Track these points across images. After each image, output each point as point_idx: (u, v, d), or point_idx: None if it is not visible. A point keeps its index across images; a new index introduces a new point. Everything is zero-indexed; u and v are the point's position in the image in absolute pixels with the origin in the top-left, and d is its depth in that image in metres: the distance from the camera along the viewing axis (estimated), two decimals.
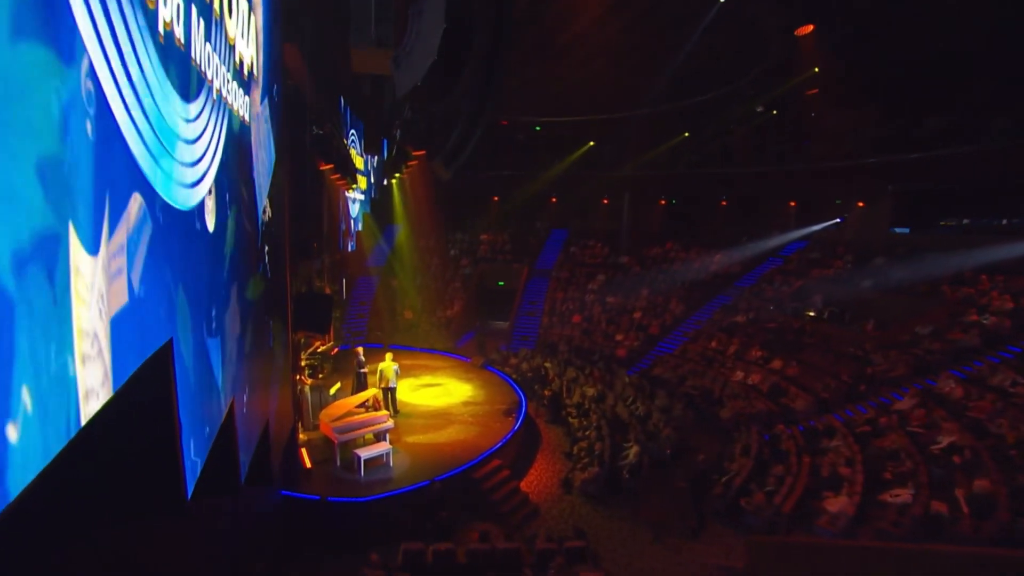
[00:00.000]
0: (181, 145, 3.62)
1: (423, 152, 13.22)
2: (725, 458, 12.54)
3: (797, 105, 15.96)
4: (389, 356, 13.71)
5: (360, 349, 14.12)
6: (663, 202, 26.11)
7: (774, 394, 15.71)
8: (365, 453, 10.65)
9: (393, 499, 10.04)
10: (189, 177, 3.83)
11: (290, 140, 9.86)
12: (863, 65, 14.16)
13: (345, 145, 11.80)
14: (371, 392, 11.84)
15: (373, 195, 19.56)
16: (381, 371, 13.37)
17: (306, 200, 11.67)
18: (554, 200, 27.18)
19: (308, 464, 10.61)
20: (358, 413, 11.49)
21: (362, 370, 13.64)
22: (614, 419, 14.46)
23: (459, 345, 21.03)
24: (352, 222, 18.08)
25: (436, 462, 11.27)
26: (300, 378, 11.96)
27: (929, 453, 10.52)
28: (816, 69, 14.82)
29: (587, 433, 13.75)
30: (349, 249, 17.87)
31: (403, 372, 15.78)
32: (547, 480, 12.51)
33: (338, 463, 10.88)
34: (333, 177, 12.73)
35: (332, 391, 12.75)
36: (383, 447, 10.99)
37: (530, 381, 17.54)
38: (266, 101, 7.55)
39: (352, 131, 15.31)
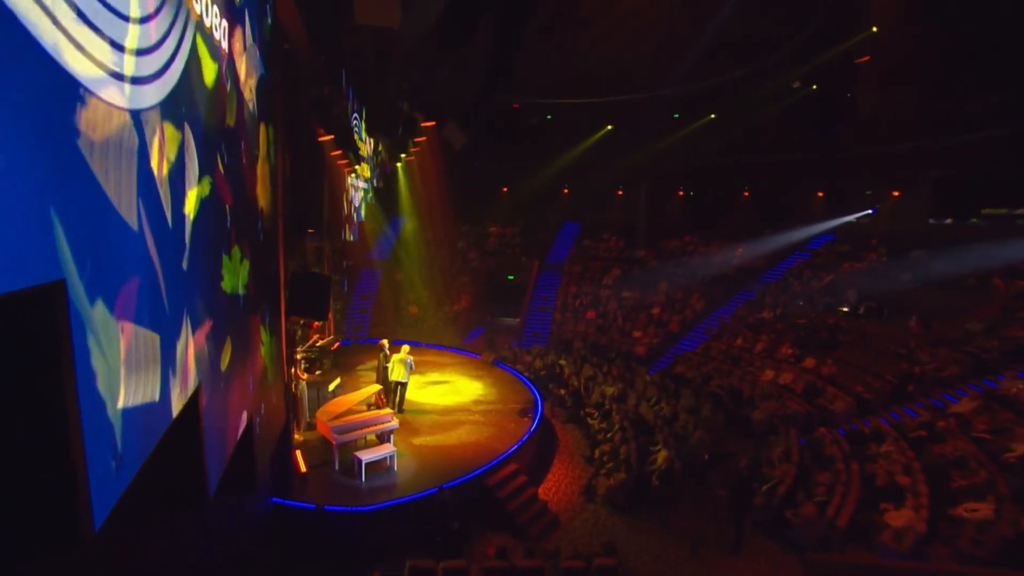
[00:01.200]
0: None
1: (432, 123, 12.11)
2: (763, 463, 11.35)
3: (841, 78, 14.57)
4: (405, 348, 12.60)
5: (385, 342, 13.00)
6: (681, 193, 24.93)
7: (809, 394, 14.53)
8: (366, 456, 9.53)
9: (397, 508, 8.92)
10: (128, 67, 2.73)
11: (285, 102, 8.77)
12: (928, 27, 12.78)
13: (347, 115, 10.70)
14: (373, 388, 10.70)
15: (377, 184, 18.49)
16: (393, 364, 12.31)
17: (304, 175, 10.62)
18: (567, 191, 26.05)
19: (303, 468, 9.48)
20: (359, 411, 10.37)
21: (388, 364, 12.54)
22: (637, 420, 13.29)
23: (467, 341, 19.91)
24: (355, 211, 17.00)
25: (445, 466, 10.15)
26: (295, 373, 10.86)
27: (1003, 462, 9.30)
28: (875, 29, 13.44)
29: (610, 435, 12.61)
30: (352, 239, 16.79)
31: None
32: (567, 487, 11.37)
33: (336, 467, 9.76)
34: (334, 154, 11.65)
35: (331, 387, 11.64)
36: (386, 449, 9.87)
37: (544, 379, 16.39)
38: (257, 44, 6.45)
39: (355, 115, 14.24)
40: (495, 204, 25.98)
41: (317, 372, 13.51)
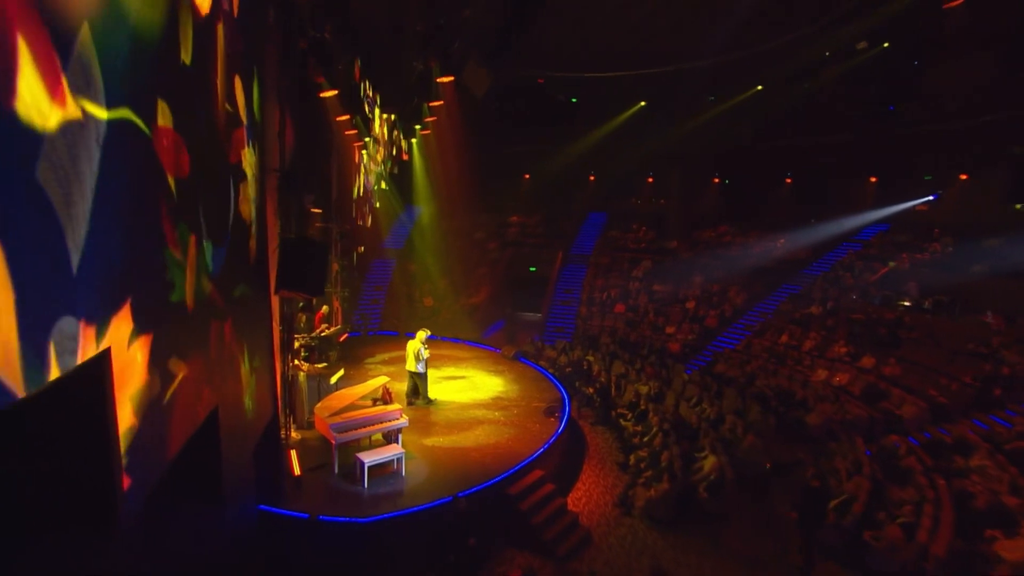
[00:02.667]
0: None
1: (451, 78, 10.79)
2: (827, 474, 9.77)
3: (919, 32, 12.74)
4: (422, 334, 11.35)
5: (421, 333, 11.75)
6: (716, 180, 23.25)
7: (871, 397, 12.88)
8: (369, 458, 8.22)
9: (404, 519, 7.59)
10: None
11: (282, 42, 7.53)
12: None
13: (355, 67, 9.43)
14: (379, 381, 9.39)
15: (392, 169, 17.27)
16: (407, 351, 11.22)
17: (306, 138, 9.40)
18: (593, 178, 24.56)
19: (297, 470, 8.21)
20: (363, 407, 9.07)
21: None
22: (678, 422, 11.79)
23: (486, 336, 18.56)
24: (368, 194, 15.78)
25: (460, 472, 8.81)
26: (295, 363, 9.62)
27: None
28: None
29: (647, 439, 11.15)
30: (367, 224, 15.58)
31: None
32: (599, 497, 9.94)
33: (336, 470, 8.48)
34: (340, 119, 10.41)
35: (333, 380, 10.39)
36: (393, 451, 8.56)
37: (569, 377, 14.97)
38: None
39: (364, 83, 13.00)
40: (517, 192, 24.60)
41: (322, 364, 12.32)
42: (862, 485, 8.97)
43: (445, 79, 10.79)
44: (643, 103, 19.81)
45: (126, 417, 3.06)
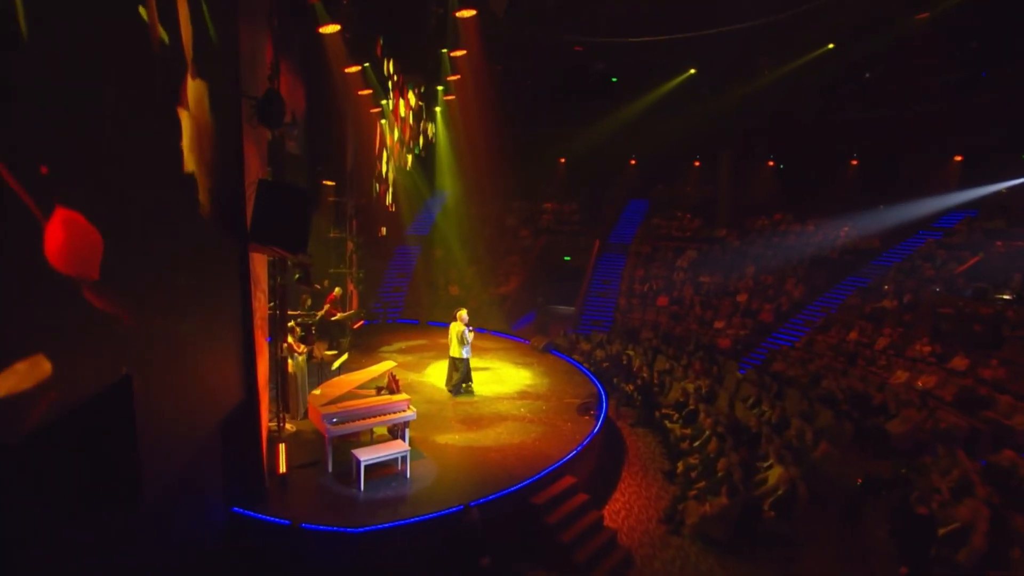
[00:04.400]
0: None
1: (474, 11, 9.45)
2: (925, 493, 7.92)
3: None
4: (462, 314, 10.19)
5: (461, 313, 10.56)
6: (771, 164, 21.20)
7: (969, 404, 10.85)
8: (367, 456, 6.92)
9: (405, 531, 6.26)
10: None
11: None
12: None
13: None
14: (386, 366, 8.07)
15: (418, 149, 16.07)
16: (450, 335, 10.19)
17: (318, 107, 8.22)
18: (634, 162, 22.84)
19: (282, 468, 6.97)
20: (365, 395, 7.78)
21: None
22: (734, 425, 10.09)
23: (515, 328, 17.14)
24: (390, 169, 14.60)
25: (476, 475, 7.43)
26: (290, 344, 8.42)
27: None
28: None
29: (698, 444, 9.52)
30: (387, 203, 14.40)
31: (445, 352, 12.09)
32: (640, 511, 8.39)
33: (329, 468, 7.20)
34: (349, 71, 9.20)
35: (335, 365, 9.18)
36: (396, 448, 7.23)
37: (607, 372, 13.41)
38: None
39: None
40: (552, 177, 23.11)
41: (332, 353, 11.16)
42: (980, 512, 7.11)
43: (466, 13, 9.44)
44: (692, 71, 17.95)
45: None
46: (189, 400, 4.64)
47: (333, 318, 11.72)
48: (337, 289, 11.99)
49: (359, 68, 9.34)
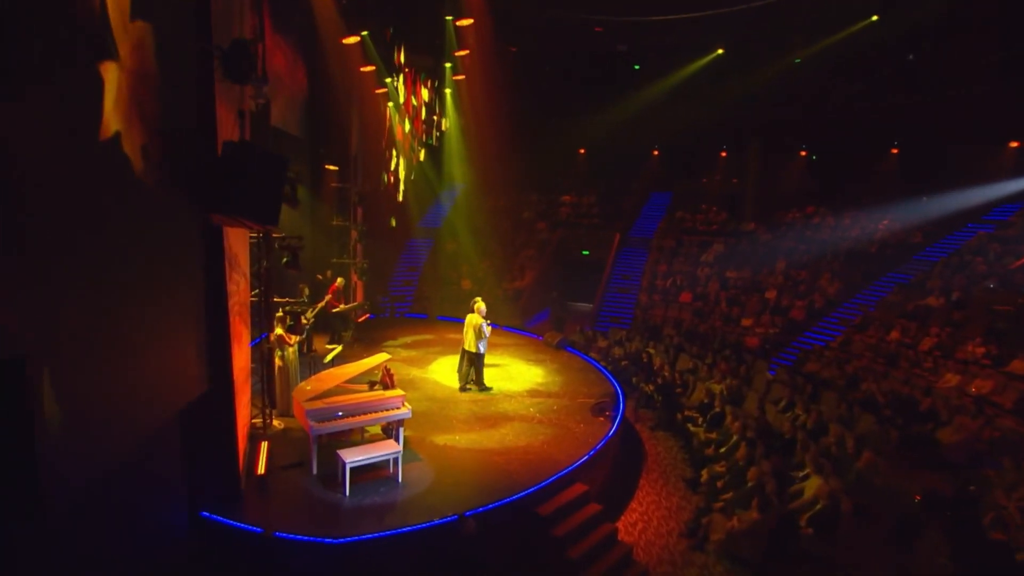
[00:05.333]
0: None
1: None
2: (1000, 513, 6.92)
3: None
4: (480, 306, 9.56)
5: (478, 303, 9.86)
6: (804, 154, 20.02)
7: None
8: (353, 457, 6.24)
9: (390, 543, 5.56)
10: None
11: None
12: None
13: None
14: (379, 359, 7.39)
15: (428, 140, 15.43)
16: (466, 327, 9.54)
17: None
18: (656, 153, 21.86)
19: (261, 469, 6.34)
20: (355, 390, 7.11)
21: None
22: (764, 430, 9.16)
23: (530, 325, 16.37)
24: (399, 158, 13.99)
25: (476, 481, 6.71)
26: (280, 335, 7.81)
27: None
28: None
29: (724, 450, 8.64)
30: (394, 190, 13.79)
31: (453, 347, 11.41)
32: (659, 523, 7.57)
33: (314, 470, 6.55)
34: (347, 41, 8.58)
35: (328, 358, 8.55)
36: (388, 449, 6.54)
37: (625, 371, 12.58)
38: None
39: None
40: (570, 169, 22.26)
41: (331, 346, 10.57)
42: None
43: None
44: (720, 51, 16.90)
45: None
46: (131, 391, 4.00)
47: (334, 310, 11.15)
48: (339, 279, 11.40)
49: (358, 39, 8.73)
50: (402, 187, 14.24)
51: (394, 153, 13.15)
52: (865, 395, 11.11)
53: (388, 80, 11.72)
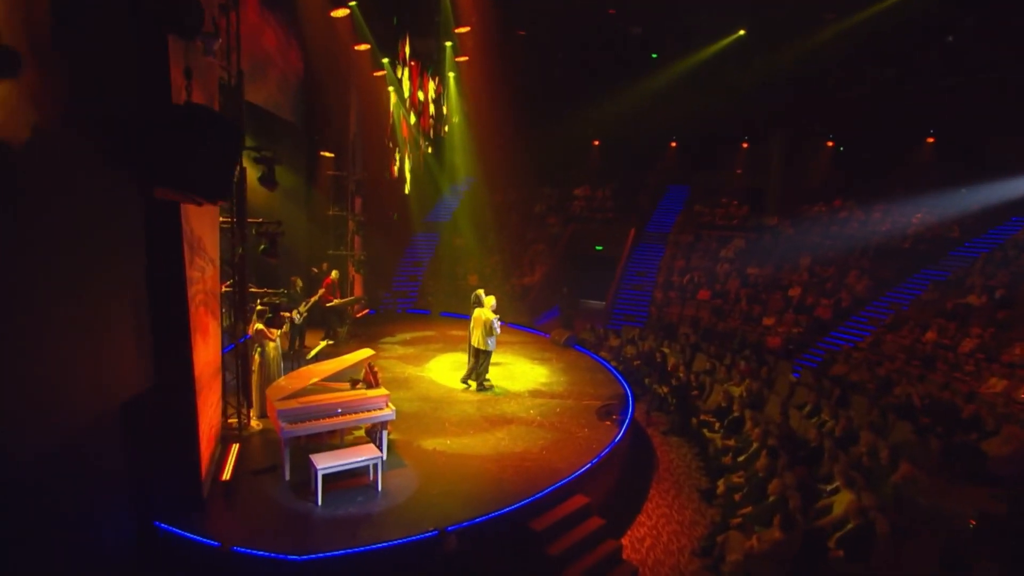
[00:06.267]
0: None
1: None
2: None
3: None
4: (490, 301, 9.04)
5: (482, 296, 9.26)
6: (831, 144, 18.99)
7: None
8: (327, 463, 5.65)
9: (361, 561, 4.96)
10: None
11: None
12: None
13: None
14: (362, 355, 6.78)
15: (437, 131, 14.85)
16: (472, 322, 9.00)
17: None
18: (674, 145, 20.99)
19: (227, 474, 5.79)
20: (335, 389, 6.52)
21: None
22: (788, 437, 8.37)
23: (539, 322, 15.69)
24: (406, 147, 13.42)
25: (464, 491, 6.08)
26: (260, 329, 7.27)
27: None
28: None
29: (744, 459, 7.89)
30: (395, 178, 13.22)
31: (454, 344, 10.85)
32: (669, 539, 6.86)
33: (287, 476, 5.98)
34: (336, 13, 8.02)
35: (311, 354, 8.00)
36: (366, 454, 5.94)
37: (636, 372, 11.84)
38: None
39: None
40: (584, 161, 21.50)
41: (325, 342, 10.05)
42: None
43: None
44: (741, 32, 15.97)
45: None
46: (43, 386, 3.44)
47: (328, 304, 10.61)
48: (334, 273, 10.86)
49: (347, 12, 8.18)
50: (408, 180, 13.71)
51: (399, 147, 12.66)
52: (900, 400, 10.21)
53: (385, 61, 11.13)
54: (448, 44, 12.82)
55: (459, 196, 19.32)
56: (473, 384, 9.12)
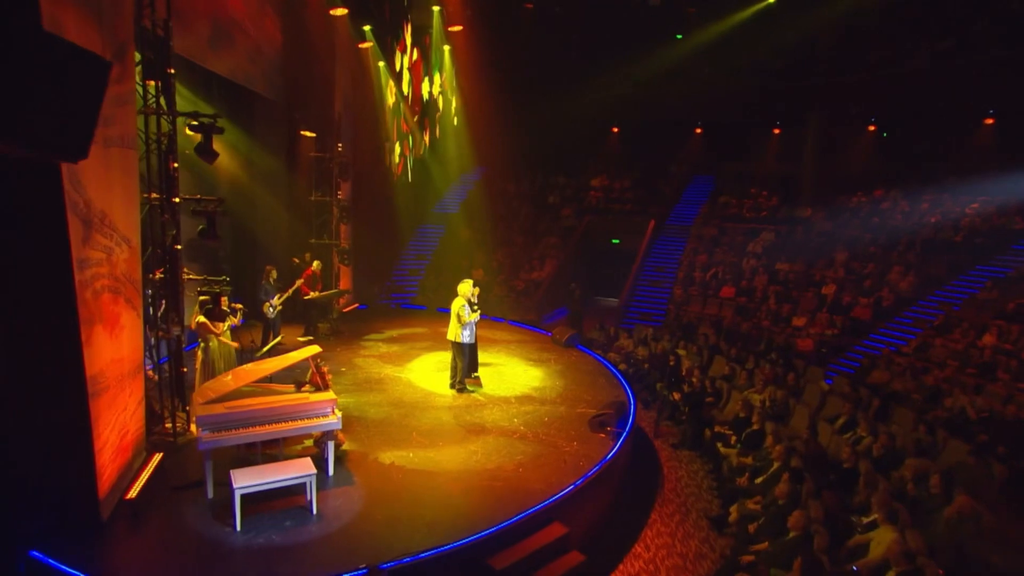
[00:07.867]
0: None
1: None
2: None
3: None
4: (465, 287, 8.13)
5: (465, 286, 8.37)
6: (872, 128, 17.33)
7: None
8: (247, 480, 4.76)
9: None
10: None
11: None
12: None
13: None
14: (308, 352, 5.86)
15: (446, 116, 13.95)
16: (452, 314, 8.06)
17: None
18: (699, 131, 19.60)
19: (134, 491, 4.95)
20: (274, 392, 5.62)
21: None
22: (816, 456, 7.14)
23: (547, 320, 14.65)
24: (406, 134, 12.57)
25: (415, 515, 5.11)
26: (202, 322, 6.45)
27: None
28: None
29: (762, 480, 6.71)
30: (390, 163, 12.39)
31: (443, 343, 9.87)
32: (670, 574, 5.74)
33: (210, 494, 5.11)
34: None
35: (263, 350, 7.15)
36: (297, 470, 5.02)
37: (646, 375, 10.69)
38: None
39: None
40: (601, 150, 20.30)
41: (306, 339, 9.25)
42: None
43: None
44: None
45: None
46: None
47: (306, 297, 9.81)
48: (316, 263, 10.04)
49: None
50: (409, 169, 12.88)
51: (395, 139, 11.87)
52: (951, 413, 8.81)
53: (367, 29, 10.25)
54: (436, 8, 11.77)
55: (469, 186, 18.38)
56: (457, 385, 8.17)
